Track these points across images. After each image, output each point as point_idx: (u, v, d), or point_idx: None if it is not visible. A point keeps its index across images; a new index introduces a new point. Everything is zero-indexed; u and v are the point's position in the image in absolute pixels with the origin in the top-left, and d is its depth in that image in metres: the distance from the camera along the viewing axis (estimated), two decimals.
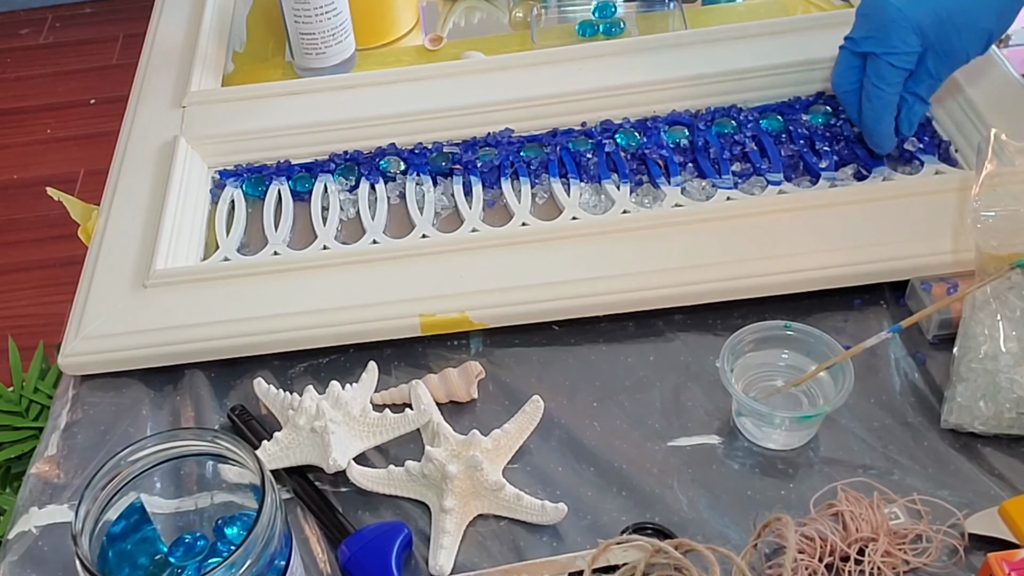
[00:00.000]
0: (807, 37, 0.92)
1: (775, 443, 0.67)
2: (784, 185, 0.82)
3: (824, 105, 0.88)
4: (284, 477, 0.68)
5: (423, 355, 0.75)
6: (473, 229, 0.81)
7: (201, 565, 0.57)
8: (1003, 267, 0.67)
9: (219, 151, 0.90)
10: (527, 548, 0.63)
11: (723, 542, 0.62)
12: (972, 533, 0.61)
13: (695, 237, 0.77)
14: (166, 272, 0.78)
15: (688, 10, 1.05)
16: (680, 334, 0.75)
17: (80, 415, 0.74)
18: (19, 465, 1.22)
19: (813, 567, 0.59)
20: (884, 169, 0.82)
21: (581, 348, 0.75)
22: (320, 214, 0.85)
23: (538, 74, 0.92)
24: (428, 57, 1.02)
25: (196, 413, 0.73)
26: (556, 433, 0.70)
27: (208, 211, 0.87)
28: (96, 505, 0.54)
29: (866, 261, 0.74)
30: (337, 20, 0.96)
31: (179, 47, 1.01)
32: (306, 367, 0.75)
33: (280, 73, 1.02)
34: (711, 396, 0.71)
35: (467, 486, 0.65)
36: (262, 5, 1.11)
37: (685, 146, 0.86)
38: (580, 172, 0.85)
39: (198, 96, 0.94)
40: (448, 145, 0.88)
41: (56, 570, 0.65)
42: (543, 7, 1.07)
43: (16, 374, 1.27)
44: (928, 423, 0.68)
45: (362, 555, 0.62)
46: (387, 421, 0.68)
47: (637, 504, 0.65)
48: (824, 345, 0.67)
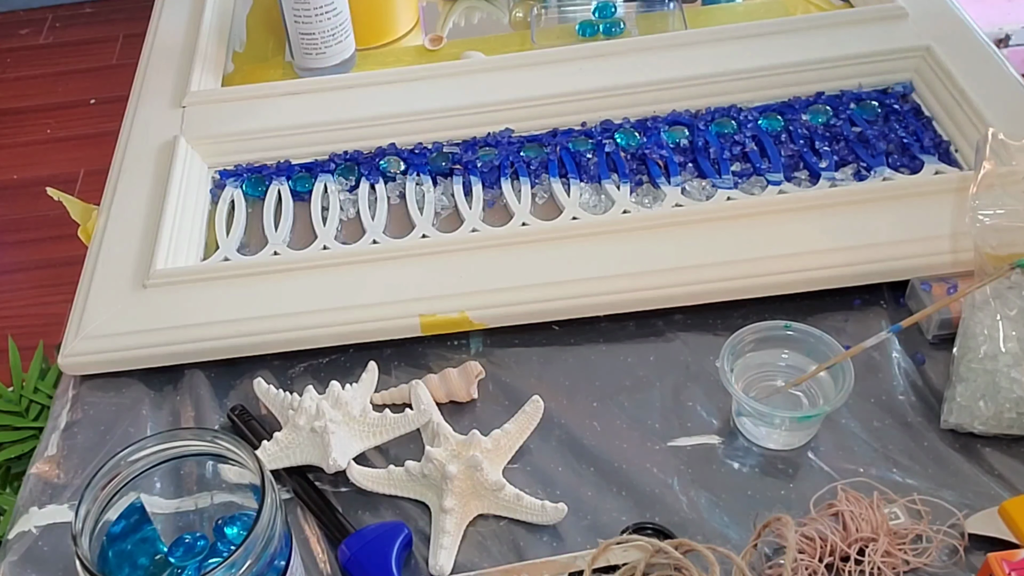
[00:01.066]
0: (807, 37, 0.92)
1: (775, 443, 0.67)
2: (784, 185, 0.82)
3: (824, 105, 0.88)
4: (284, 477, 0.68)
5: (423, 355, 0.75)
6: (473, 229, 0.81)
7: (201, 565, 0.57)
8: (1003, 267, 0.67)
9: (219, 151, 0.90)
10: (527, 548, 0.63)
11: (723, 542, 0.62)
12: (972, 533, 0.61)
13: (695, 237, 0.77)
14: (166, 272, 0.78)
15: (688, 10, 1.05)
16: (680, 334, 0.75)
17: (80, 415, 0.74)
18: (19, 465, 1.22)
19: (813, 567, 0.59)
20: (884, 169, 0.82)
21: (581, 348, 0.75)
22: (320, 214, 0.85)
23: (538, 74, 0.92)
24: (428, 57, 1.02)
25: (196, 413, 0.73)
26: (556, 433, 0.70)
27: (208, 211, 0.87)
28: (96, 505, 0.54)
29: (866, 261, 0.74)
30: (337, 20, 0.96)
31: (179, 47, 1.01)
32: (306, 367, 0.75)
33: (280, 73, 1.02)
34: (711, 396, 0.71)
35: (467, 486, 0.65)
36: (262, 5, 1.11)
37: (685, 146, 0.86)
38: (580, 172, 0.85)
39: (198, 96, 0.94)
40: (448, 145, 0.88)
41: (56, 570, 0.65)
42: (543, 7, 1.07)
43: (16, 374, 1.27)
44: (928, 423, 0.68)
45: (362, 555, 0.62)
46: (387, 421, 0.68)
47: (637, 504, 0.65)
48: (824, 345, 0.67)
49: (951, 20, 0.93)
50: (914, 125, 0.85)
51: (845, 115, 0.87)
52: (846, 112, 0.87)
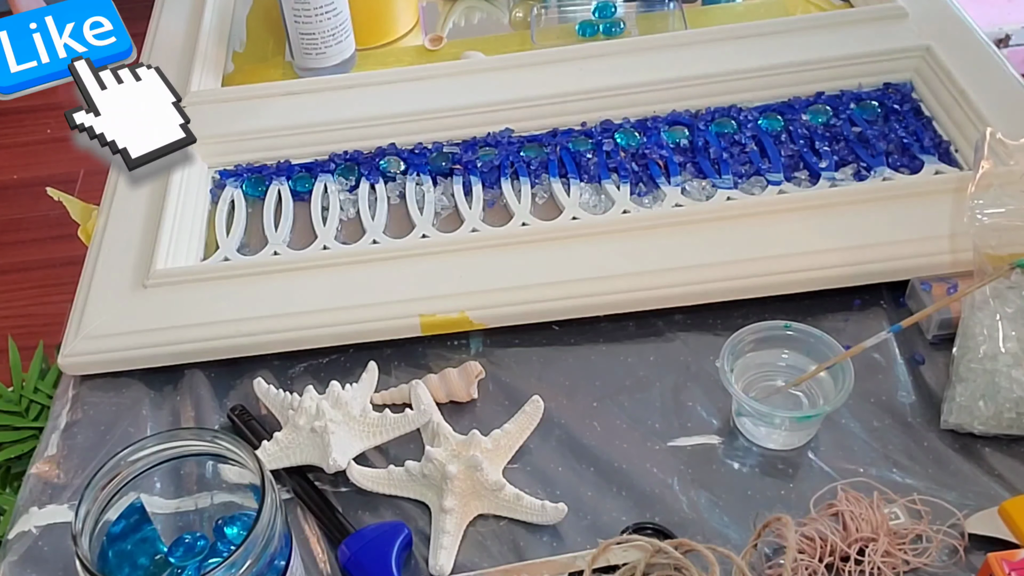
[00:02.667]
0: (807, 37, 0.92)
1: (775, 443, 0.67)
2: (784, 185, 0.82)
3: (824, 105, 0.88)
4: (284, 477, 0.68)
5: (423, 355, 0.75)
6: (473, 229, 0.81)
7: (201, 565, 0.57)
8: (1002, 267, 0.67)
9: (219, 151, 0.90)
10: (527, 548, 0.63)
11: (723, 542, 0.62)
12: (972, 533, 0.61)
13: (695, 237, 0.77)
14: (166, 272, 0.78)
15: (688, 10, 1.05)
16: (680, 334, 0.75)
17: (80, 415, 0.74)
18: (19, 465, 1.22)
19: (813, 567, 0.59)
20: (884, 169, 0.82)
21: (581, 348, 0.75)
22: (320, 214, 0.85)
23: (538, 74, 0.92)
24: (428, 57, 1.02)
25: (196, 413, 0.73)
26: (556, 433, 0.70)
27: (208, 211, 0.87)
28: (96, 505, 0.54)
29: (866, 261, 0.74)
30: (337, 20, 0.96)
31: (179, 47, 1.01)
32: (306, 367, 0.75)
33: (280, 73, 1.02)
34: (711, 396, 0.71)
35: (467, 486, 0.65)
36: (262, 5, 1.11)
37: (685, 146, 0.86)
38: (580, 172, 0.85)
39: (198, 96, 0.94)
40: (448, 145, 0.88)
41: (56, 570, 0.65)
42: (543, 7, 1.07)
43: (16, 374, 1.27)
44: (928, 423, 0.68)
45: (362, 555, 0.62)
46: (387, 421, 0.68)
47: (637, 504, 0.65)
48: (824, 345, 0.67)
49: (951, 20, 0.93)
50: (914, 125, 0.85)
51: (845, 115, 0.87)
52: (846, 112, 0.87)
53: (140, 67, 0.67)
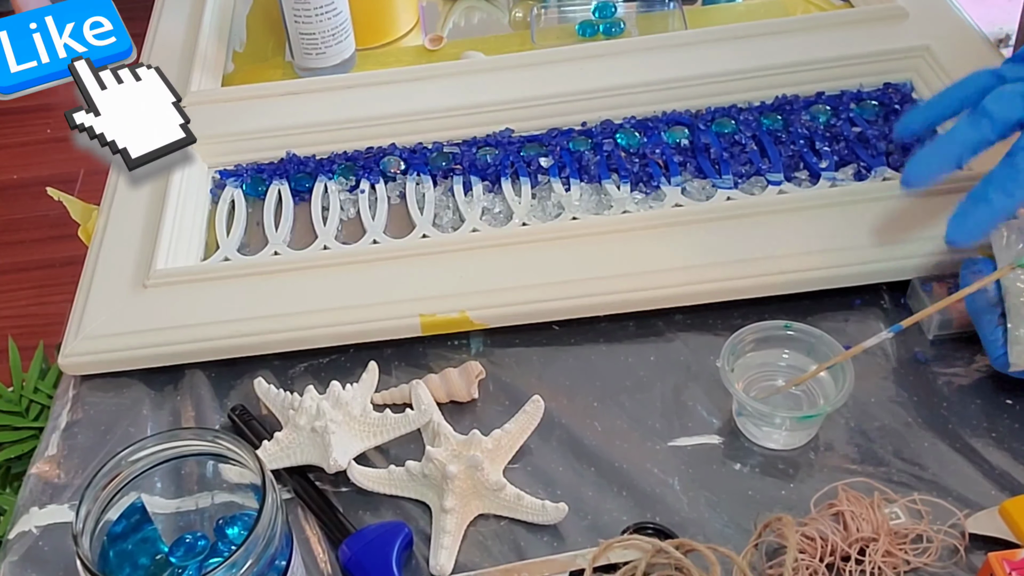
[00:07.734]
0: (807, 37, 0.92)
1: (776, 443, 0.67)
2: (784, 185, 0.82)
3: (824, 105, 0.88)
4: (285, 477, 0.68)
5: (423, 355, 0.75)
6: (473, 229, 0.81)
7: (202, 565, 0.57)
8: (1003, 267, 0.67)
9: (219, 151, 0.90)
10: (528, 548, 0.63)
11: (724, 542, 0.62)
12: (973, 533, 0.61)
13: (695, 237, 0.77)
14: (166, 272, 0.78)
15: (688, 10, 1.05)
16: (680, 334, 0.75)
17: (80, 415, 0.74)
18: (19, 465, 1.22)
19: (814, 567, 0.59)
20: (884, 169, 0.82)
21: (581, 348, 0.75)
22: (320, 214, 0.85)
23: (538, 74, 0.92)
24: (428, 57, 1.02)
25: (196, 413, 0.73)
26: (556, 433, 0.70)
27: (208, 211, 0.87)
28: (97, 505, 0.54)
29: (866, 261, 0.74)
30: (337, 20, 0.96)
31: (179, 47, 1.01)
32: (306, 367, 0.75)
33: (280, 73, 1.02)
34: (711, 396, 0.71)
35: (468, 486, 0.65)
36: (262, 5, 1.11)
37: (685, 146, 0.86)
38: (580, 172, 0.85)
39: (198, 96, 0.94)
40: (448, 145, 0.88)
41: (56, 570, 0.65)
42: (543, 7, 1.07)
43: (16, 374, 1.27)
44: (928, 423, 0.68)
45: (363, 555, 0.62)
46: (387, 421, 0.68)
47: (638, 504, 0.65)
48: (824, 345, 0.67)
49: (951, 20, 0.93)
50: None
51: (845, 115, 0.87)
52: (846, 112, 0.87)
53: (140, 67, 0.67)
